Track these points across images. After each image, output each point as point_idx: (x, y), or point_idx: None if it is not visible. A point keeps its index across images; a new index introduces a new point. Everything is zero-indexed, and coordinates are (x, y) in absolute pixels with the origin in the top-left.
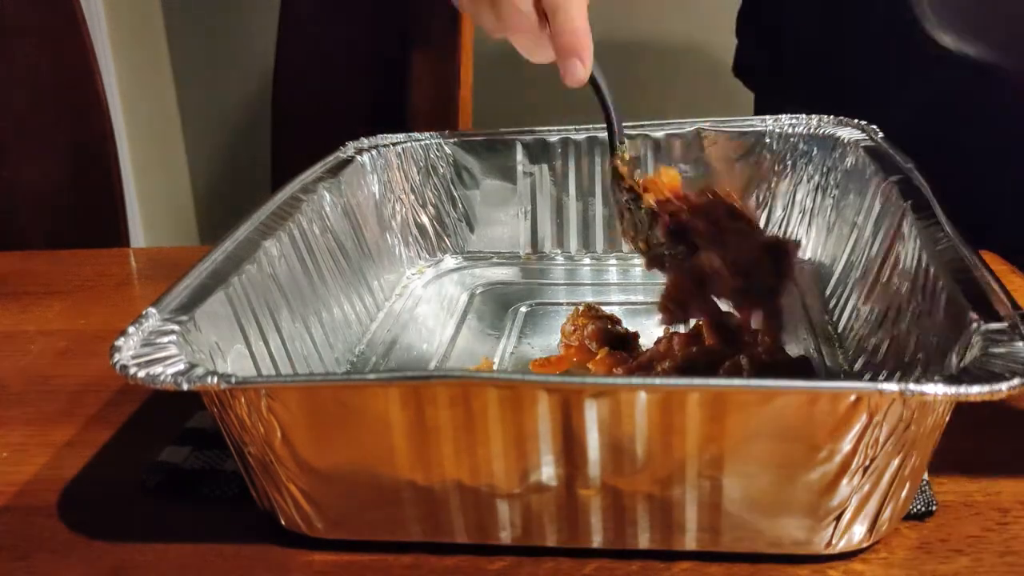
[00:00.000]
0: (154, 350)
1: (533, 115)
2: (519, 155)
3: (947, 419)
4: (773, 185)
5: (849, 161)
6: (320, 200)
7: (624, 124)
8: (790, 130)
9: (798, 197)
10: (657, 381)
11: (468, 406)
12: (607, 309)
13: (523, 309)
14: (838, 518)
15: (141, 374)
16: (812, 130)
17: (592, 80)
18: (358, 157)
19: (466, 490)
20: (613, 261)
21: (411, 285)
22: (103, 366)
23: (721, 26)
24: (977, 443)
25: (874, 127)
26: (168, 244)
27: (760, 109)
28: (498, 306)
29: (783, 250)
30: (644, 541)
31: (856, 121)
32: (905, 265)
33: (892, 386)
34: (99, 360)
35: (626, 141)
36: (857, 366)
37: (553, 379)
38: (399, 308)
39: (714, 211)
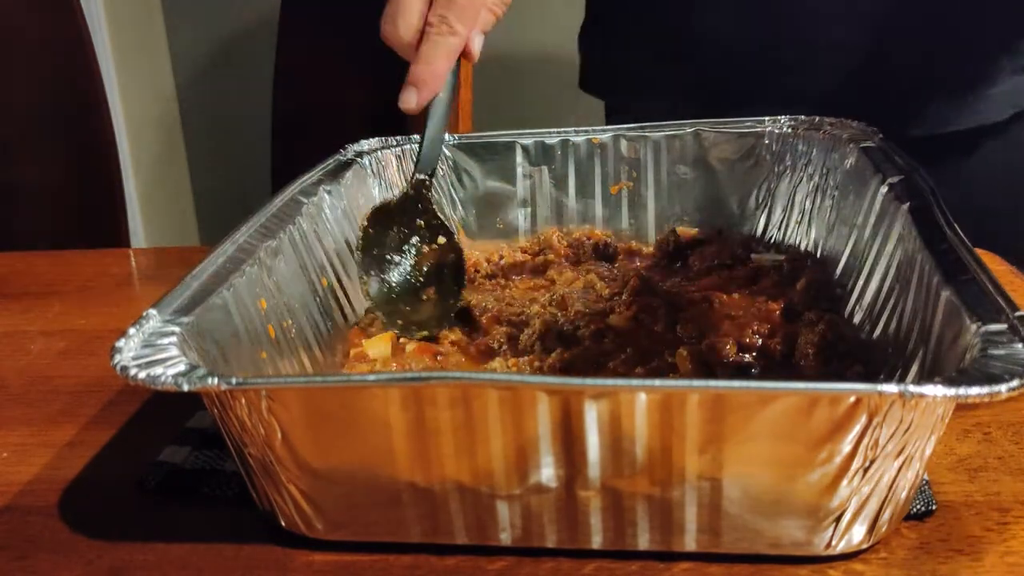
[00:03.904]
0: (154, 351)
1: (533, 117)
2: (519, 157)
3: (947, 420)
4: (772, 186)
5: (849, 162)
6: (320, 202)
7: (619, 127)
8: (789, 131)
9: (798, 198)
10: (657, 382)
11: (468, 407)
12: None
13: None
14: (838, 519)
15: (142, 375)
16: (811, 131)
17: (425, 113)
18: (358, 160)
19: (466, 491)
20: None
21: None
22: (103, 366)
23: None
24: (977, 443)
25: (873, 128)
26: (168, 244)
27: (610, 115)
28: None
29: None
30: (644, 542)
31: (856, 122)
32: (904, 266)
33: (892, 387)
34: (99, 360)
35: (433, 175)
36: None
37: (553, 381)
38: None
39: None
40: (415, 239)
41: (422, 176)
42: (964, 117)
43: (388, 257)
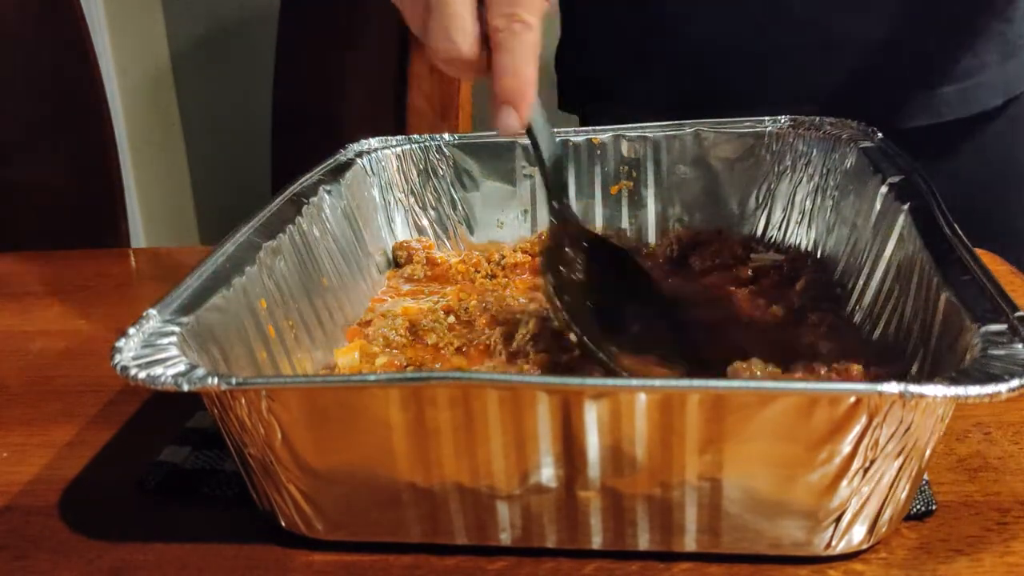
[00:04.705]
0: (155, 351)
1: None
2: (519, 157)
3: (947, 420)
4: (772, 186)
5: (849, 162)
6: (320, 202)
7: (619, 126)
8: (789, 131)
9: (798, 198)
10: (657, 383)
11: (468, 407)
12: None
13: None
14: (838, 519)
15: (142, 375)
16: (812, 131)
17: (528, 131)
18: (358, 160)
19: (466, 491)
20: None
21: None
22: (103, 366)
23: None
24: (977, 443)
25: (873, 128)
26: (168, 244)
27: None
28: None
29: None
30: (644, 542)
31: (855, 123)
32: (904, 266)
33: (892, 387)
34: (99, 360)
35: (568, 201)
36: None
37: (553, 381)
38: None
39: None
40: (587, 267)
41: (562, 202)
42: (957, 106)
43: (578, 294)
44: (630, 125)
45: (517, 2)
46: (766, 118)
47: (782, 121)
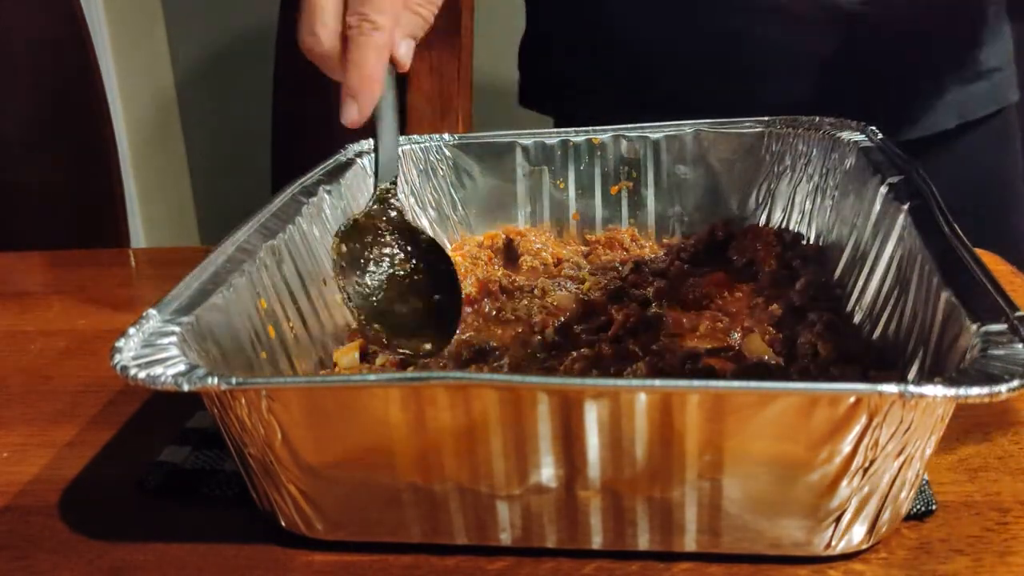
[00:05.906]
0: (154, 351)
1: (532, 117)
2: (519, 157)
3: (947, 420)
4: (772, 186)
5: (848, 162)
6: (320, 202)
7: (619, 126)
8: (789, 131)
9: (797, 199)
10: (658, 383)
11: (468, 407)
12: None
13: None
14: (838, 519)
15: (142, 375)
16: (811, 131)
17: (372, 124)
18: (358, 160)
19: (466, 491)
20: None
21: None
22: (103, 366)
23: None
24: (977, 443)
25: (873, 128)
26: (168, 244)
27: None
28: None
29: None
30: (644, 542)
31: (855, 122)
32: (904, 266)
33: (892, 387)
34: (99, 360)
35: (395, 184)
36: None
37: (553, 381)
38: None
39: None
40: (389, 252)
41: (385, 186)
42: (911, 127)
43: (367, 275)
44: (630, 125)
45: (370, 4)
46: (766, 118)
47: (782, 121)
